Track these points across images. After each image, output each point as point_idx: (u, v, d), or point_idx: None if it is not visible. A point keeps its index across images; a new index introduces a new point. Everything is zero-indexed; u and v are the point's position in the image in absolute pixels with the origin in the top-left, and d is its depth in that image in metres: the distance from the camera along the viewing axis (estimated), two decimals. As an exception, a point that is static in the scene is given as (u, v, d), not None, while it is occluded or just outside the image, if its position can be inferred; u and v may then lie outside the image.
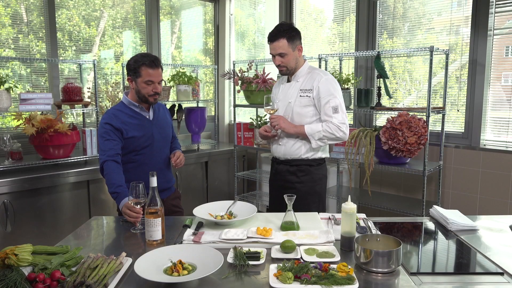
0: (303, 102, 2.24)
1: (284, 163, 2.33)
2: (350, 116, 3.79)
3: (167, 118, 2.37)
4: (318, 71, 2.27)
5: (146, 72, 2.10)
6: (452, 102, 3.19)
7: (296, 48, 2.23)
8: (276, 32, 2.19)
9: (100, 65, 3.92)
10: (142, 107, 2.21)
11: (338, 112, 2.17)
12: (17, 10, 3.38)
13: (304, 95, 2.24)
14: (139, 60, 2.11)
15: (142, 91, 2.13)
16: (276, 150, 2.36)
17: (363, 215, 1.95)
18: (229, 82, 4.59)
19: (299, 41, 2.25)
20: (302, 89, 2.25)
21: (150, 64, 2.10)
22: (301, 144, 2.27)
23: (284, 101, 2.32)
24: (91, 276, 1.31)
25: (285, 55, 2.20)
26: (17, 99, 3.27)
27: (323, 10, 4.00)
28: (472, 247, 1.63)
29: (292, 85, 2.32)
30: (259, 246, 1.59)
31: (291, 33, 2.19)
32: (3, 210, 2.79)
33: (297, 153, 2.28)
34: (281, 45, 2.18)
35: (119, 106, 2.21)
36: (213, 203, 2.04)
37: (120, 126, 2.12)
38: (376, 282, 1.35)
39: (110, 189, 2.01)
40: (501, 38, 2.95)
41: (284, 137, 2.31)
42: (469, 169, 3.06)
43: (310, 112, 2.24)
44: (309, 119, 2.24)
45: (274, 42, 2.19)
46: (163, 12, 4.37)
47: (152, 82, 2.12)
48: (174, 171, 3.73)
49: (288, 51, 2.19)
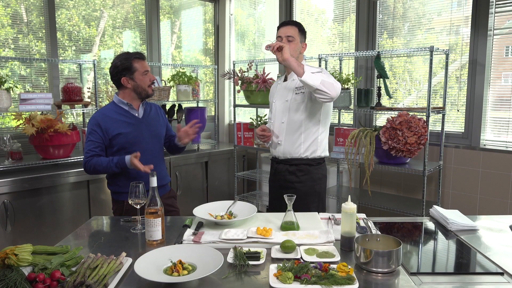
0: (298, 99, 2.24)
1: (283, 162, 2.33)
2: (350, 116, 3.79)
3: (160, 117, 2.40)
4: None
5: (140, 64, 2.22)
6: (452, 102, 3.19)
7: (303, 43, 2.28)
8: (290, 21, 2.30)
9: (100, 65, 3.92)
10: (132, 105, 2.27)
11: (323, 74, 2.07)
12: (17, 10, 3.38)
13: (299, 92, 2.24)
14: (128, 57, 2.22)
15: (142, 84, 2.24)
16: (276, 149, 2.36)
17: (363, 215, 1.95)
18: (229, 82, 4.59)
19: (305, 39, 2.31)
20: (297, 87, 2.25)
21: (140, 56, 2.24)
22: (300, 142, 2.26)
23: (281, 100, 2.32)
24: (91, 276, 1.31)
25: (292, 41, 2.22)
26: (17, 99, 3.27)
27: (323, 10, 4.00)
28: (472, 247, 1.63)
29: (288, 84, 2.31)
30: (259, 246, 1.59)
31: (301, 27, 2.28)
32: (3, 210, 2.79)
33: (297, 151, 2.27)
34: (292, 31, 2.23)
35: (109, 105, 2.30)
36: (213, 203, 2.04)
37: (107, 124, 2.19)
38: (376, 282, 1.35)
39: (110, 166, 2.13)
40: (501, 38, 2.95)
41: (283, 136, 2.30)
42: (469, 169, 3.06)
43: (306, 109, 2.23)
44: (305, 115, 2.23)
45: (287, 26, 2.25)
46: (163, 12, 4.38)
47: (147, 71, 2.25)
48: (173, 171, 3.73)
49: (296, 38, 2.23)
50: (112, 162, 2.13)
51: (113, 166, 2.13)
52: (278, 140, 2.32)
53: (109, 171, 2.17)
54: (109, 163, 2.14)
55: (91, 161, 2.17)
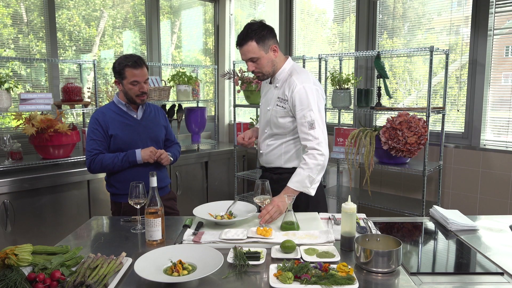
0: (279, 112, 2.01)
1: (268, 170, 2.20)
2: (350, 116, 3.79)
3: (159, 120, 2.38)
4: (296, 77, 1.97)
5: (130, 73, 2.14)
6: (452, 102, 3.19)
7: (270, 49, 1.95)
8: (243, 35, 1.92)
9: (100, 65, 3.92)
10: (130, 106, 2.26)
11: (314, 127, 1.91)
12: (17, 10, 3.38)
13: (280, 104, 2.00)
14: (122, 62, 2.15)
15: (129, 92, 2.19)
16: (260, 158, 2.24)
17: (363, 215, 1.95)
18: (229, 82, 4.59)
19: (272, 40, 1.96)
20: (280, 98, 2.01)
21: (133, 65, 2.14)
22: (281, 153, 2.09)
23: (265, 106, 2.13)
24: (91, 276, 1.31)
25: (257, 59, 1.94)
26: (17, 99, 3.27)
27: (323, 10, 4.00)
28: (472, 247, 1.63)
29: (271, 89, 2.09)
30: (259, 246, 1.59)
31: (260, 33, 1.91)
32: (3, 210, 2.79)
33: (277, 162, 2.11)
34: (250, 49, 1.91)
35: (109, 105, 2.29)
36: (213, 203, 2.04)
37: (106, 122, 2.19)
38: (376, 282, 1.35)
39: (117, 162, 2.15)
40: (501, 38, 2.95)
41: (265, 146, 2.14)
42: (469, 169, 3.06)
43: (288, 123, 2.02)
44: (288, 129, 2.03)
45: (243, 46, 1.93)
46: (163, 12, 4.37)
47: (137, 82, 2.16)
48: (173, 171, 3.73)
49: (260, 54, 1.92)
50: (120, 155, 2.15)
51: (119, 161, 2.15)
52: (260, 149, 2.19)
53: (116, 167, 2.17)
54: (115, 161, 2.15)
55: (96, 158, 2.16)
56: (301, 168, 1.92)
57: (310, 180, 1.91)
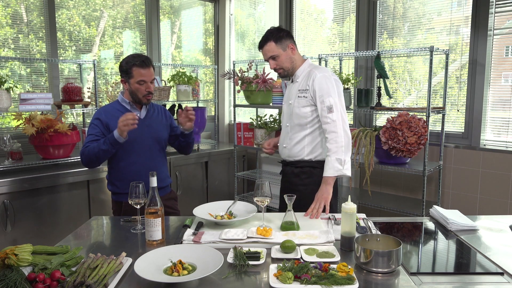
0: (301, 103, 2.19)
1: (290, 164, 2.32)
2: (350, 116, 3.79)
3: (163, 120, 2.39)
4: (316, 69, 2.19)
5: (137, 72, 2.16)
6: (452, 102, 3.19)
7: (288, 47, 2.18)
8: (263, 38, 2.20)
9: (100, 65, 3.92)
10: (134, 105, 2.26)
11: (332, 111, 2.08)
12: (17, 10, 3.38)
13: (302, 95, 2.18)
14: (130, 61, 2.16)
15: (136, 91, 2.20)
16: (282, 152, 2.37)
17: (363, 215, 1.95)
18: (229, 82, 4.59)
19: (289, 40, 2.20)
20: (300, 89, 2.20)
21: (141, 64, 2.15)
22: (304, 145, 2.24)
23: (287, 102, 2.32)
24: (91, 276, 1.31)
25: (277, 57, 2.18)
26: (17, 99, 3.27)
27: (323, 10, 4.00)
28: (472, 247, 1.63)
29: (293, 86, 2.29)
30: (259, 246, 1.59)
31: (277, 34, 2.17)
32: (3, 210, 2.79)
33: (300, 154, 2.25)
34: (270, 48, 2.17)
35: (113, 103, 2.30)
36: (213, 203, 2.04)
37: (108, 120, 2.19)
38: (376, 282, 1.35)
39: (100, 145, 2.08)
40: (501, 38, 2.95)
41: (288, 139, 2.30)
42: (469, 169, 3.06)
43: (309, 113, 2.18)
44: (309, 119, 2.20)
45: (264, 47, 2.19)
46: (163, 12, 4.38)
47: (144, 81, 2.18)
48: (173, 171, 3.73)
49: (279, 52, 2.17)
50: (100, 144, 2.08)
51: (102, 143, 2.07)
52: (283, 143, 2.33)
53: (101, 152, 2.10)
54: (100, 147, 2.08)
55: (85, 151, 2.13)
56: (328, 156, 2.10)
57: (340, 162, 2.07)
